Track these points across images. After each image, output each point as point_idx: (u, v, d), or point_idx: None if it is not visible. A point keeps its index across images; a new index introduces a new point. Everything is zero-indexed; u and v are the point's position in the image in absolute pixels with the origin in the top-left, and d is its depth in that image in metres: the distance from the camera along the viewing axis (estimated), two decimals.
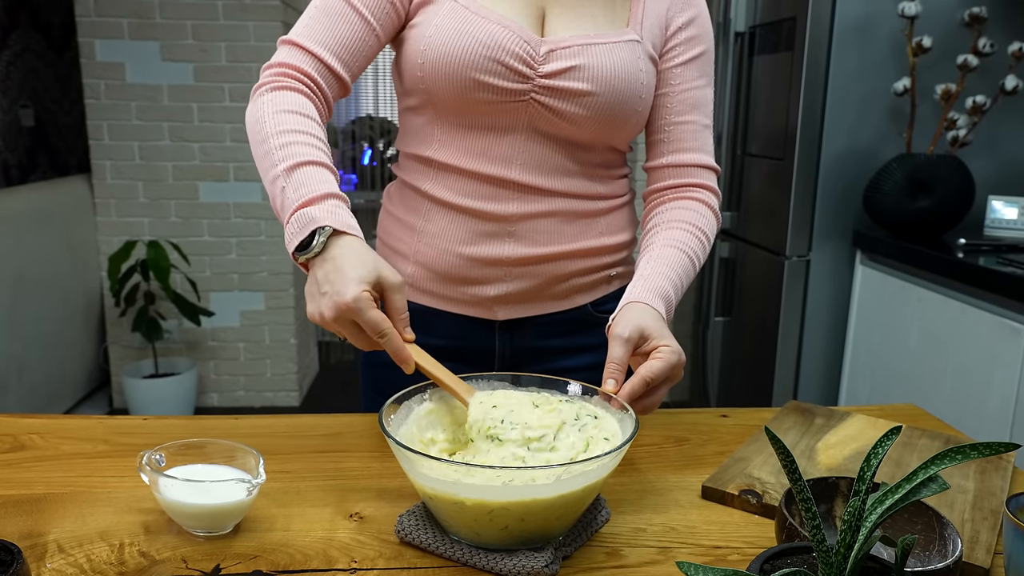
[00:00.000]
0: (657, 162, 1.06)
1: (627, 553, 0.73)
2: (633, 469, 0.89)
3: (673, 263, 0.96)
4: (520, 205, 1.00)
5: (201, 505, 0.72)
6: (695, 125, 1.04)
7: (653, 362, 0.81)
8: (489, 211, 1.00)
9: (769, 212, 2.45)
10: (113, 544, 0.72)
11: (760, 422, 1.05)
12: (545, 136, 0.99)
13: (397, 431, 0.76)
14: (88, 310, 3.31)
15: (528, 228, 1.01)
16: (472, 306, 1.05)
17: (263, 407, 3.50)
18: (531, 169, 0.99)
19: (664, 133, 1.04)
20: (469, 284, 1.04)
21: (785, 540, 0.66)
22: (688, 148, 1.04)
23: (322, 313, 0.79)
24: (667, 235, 1.00)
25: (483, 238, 1.01)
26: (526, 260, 1.02)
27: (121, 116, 3.21)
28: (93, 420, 1.01)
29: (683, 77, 1.03)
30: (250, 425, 1.01)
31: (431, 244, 1.03)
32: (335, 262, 0.80)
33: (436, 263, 1.04)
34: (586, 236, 1.04)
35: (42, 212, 2.99)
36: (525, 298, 1.05)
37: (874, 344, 2.20)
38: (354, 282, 0.78)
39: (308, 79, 0.94)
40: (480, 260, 1.02)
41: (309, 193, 0.84)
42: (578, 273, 1.06)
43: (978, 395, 1.79)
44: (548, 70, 0.95)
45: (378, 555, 0.71)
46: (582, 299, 1.08)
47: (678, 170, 1.05)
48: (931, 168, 2.08)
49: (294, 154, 0.87)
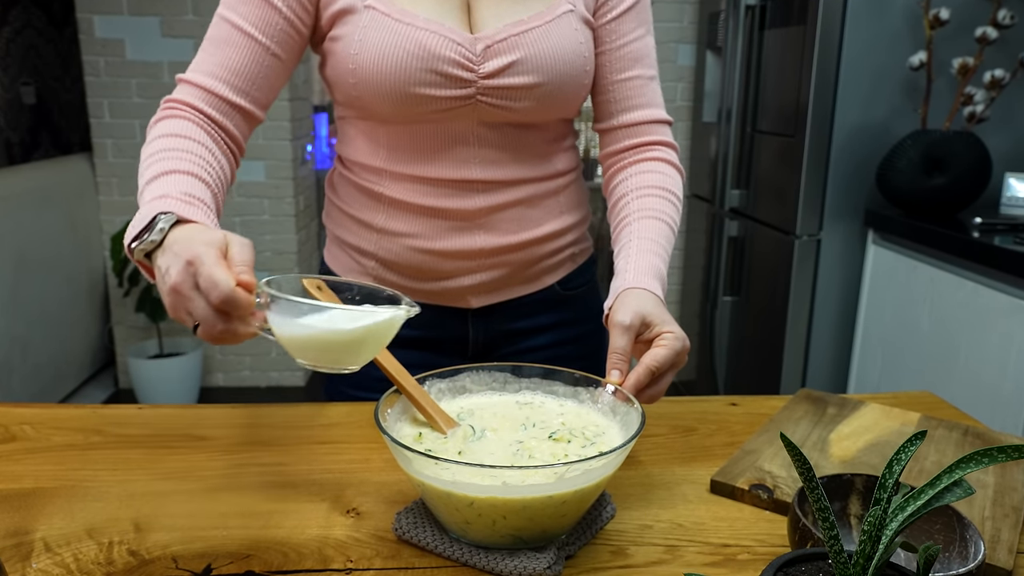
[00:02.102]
0: (608, 123, 1.02)
1: (633, 552, 0.70)
2: (638, 462, 0.87)
3: (656, 235, 0.93)
4: (485, 199, 0.98)
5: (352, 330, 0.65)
6: (640, 79, 1.00)
7: (657, 350, 0.79)
8: (454, 208, 0.97)
9: (779, 190, 2.40)
10: (102, 542, 0.70)
11: (770, 411, 1.02)
12: (496, 128, 0.96)
13: (394, 425, 0.74)
14: (92, 290, 3.30)
15: (496, 219, 0.99)
16: (444, 297, 1.03)
17: (268, 387, 3.50)
18: (490, 164, 0.97)
19: (610, 92, 1.01)
20: (440, 278, 1.01)
21: (798, 542, 0.63)
22: (638, 105, 1.01)
23: (170, 287, 0.66)
24: (640, 204, 0.97)
25: (451, 232, 0.98)
26: (498, 250, 1.00)
27: (122, 94, 3.17)
28: (87, 410, 0.99)
29: (619, 31, 0.99)
30: (248, 414, 0.98)
31: (395, 242, 1.00)
32: (175, 242, 0.69)
33: (403, 260, 1.00)
34: (550, 218, 1.03)
35: (44, 191, 2.97)
36: (498, 286, 1.03)
37: (885, 325, 2.16)
38: (199, 242, 0.67)
39: (197, 112, 0.88)
40: (450, 254, 0.99)
41: (157, 194, 0.76)
42: (546, 255, 1.05)
43: (992, 379, 1.75)
44: (488, 69, 0.91)
45: (375, 554, 0.69)
46: (549, 279, 1.08)
47: (632, 129, 1.02)
48: (947, 145, 2.02)
49: (153, 171, 0.80)
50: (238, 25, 0.89)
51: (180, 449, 0.88)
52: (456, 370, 0.81)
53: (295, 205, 3.36)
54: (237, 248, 0.69)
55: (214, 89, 0.89)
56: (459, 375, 0.81)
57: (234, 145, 0.93)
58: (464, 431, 0.75)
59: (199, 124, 0.88)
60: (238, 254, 0.68)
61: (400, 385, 0.75)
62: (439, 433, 0.74)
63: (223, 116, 0.90)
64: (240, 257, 0.68)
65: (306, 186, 3.60)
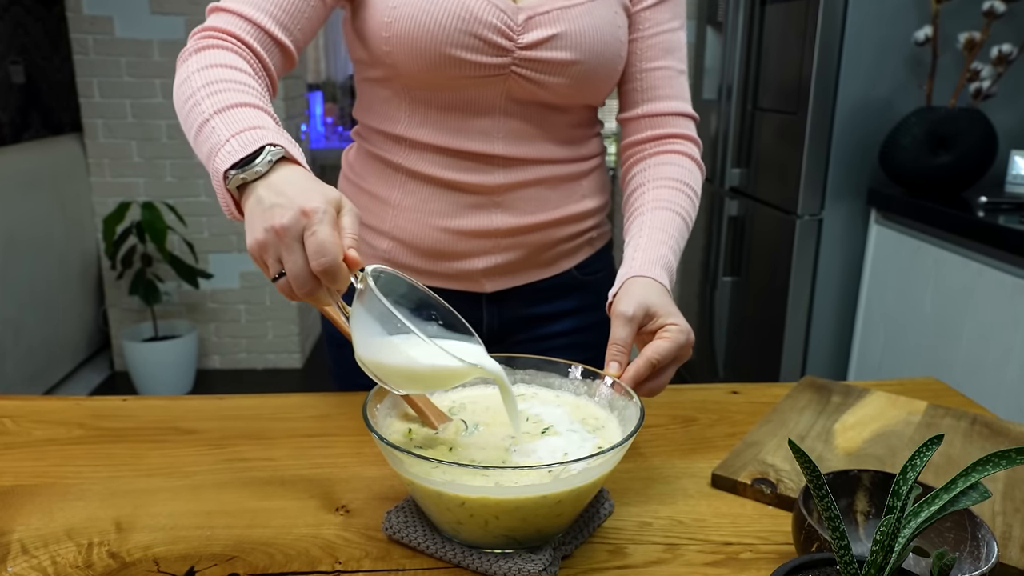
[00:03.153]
0: (632, 112, 1.00)
1: (631, 551, 0.68)
2: (638, 454, 0.84)
3: (668, 226, 0.90)
4: (506, 176, 0.95)
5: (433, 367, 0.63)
6: (670, 71, 0.98)
7: (659, 342, 0.76)
8: (473, 183, 0.94)
9: (780, 168, 2.36)
10: (81, 544, 0.67)
11: (772, 399, 0.99)
12: (523, 105, 0.93)
13: (383, 421, 0.71)
14: (85, 272, 3.26)
15: (515, 197, 0.96)
16: (458, 280, 1.00)
17: (265, 369, 3.48)
18: (513, 140, 0.94)
19: (638, 81, 0.98)
20: (455, 259, 0.98)
21: (803, 542, 0.61)
22: (664, 96, 0.98)
23: (271, 225, 0.63)
24: (656, 195, 0.94)
25: (468, 210, 0.95)
26: (516, 230, 0.97)
27: (111, 72, 3.11)
28: (70, 402, 0.96)
29: (654, 20, 0.96)
30: (236, 406, 0.96)
31: (410, 219, 0.97)
32: (291, 180, 0.66)
33: (418, 238, 0.97)
34: (570, 201, 1.01)
35: (34, 172, 2.92)
36: (513, 269, 1.00)
37: (888, 307, 2.13)
38: (318, 195, 0.64)
39: (240, 43, 0.81)
40: (467, 233, 0.96)
41: (250, 126, 0.70)
42: (564, 239, 1.02)
43: (996, 362, 1.73)
44: (528, 40, 0.88)
45: (364, 555, 0.67)
46: (567, 264, 1.05)
47: (655, 120, 0.99)
48: (952, 122, 1.98)
49: (225, 99, 0.73)
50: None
51: (166, 443, 0.86)
52: None
53: None
54: (349, 217, 0.65)
55: (259, 21, 0.81)
56: None
57: (272, 88, 0.85)
58: (456, 426, 0.72)
59: (245, 58, 0.80)
60: (349, 224, 0.65)
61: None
62: (430, 428, 0.71)
63: (265, 52, 0.82)
64: (351, 227, 0.65)
65: None
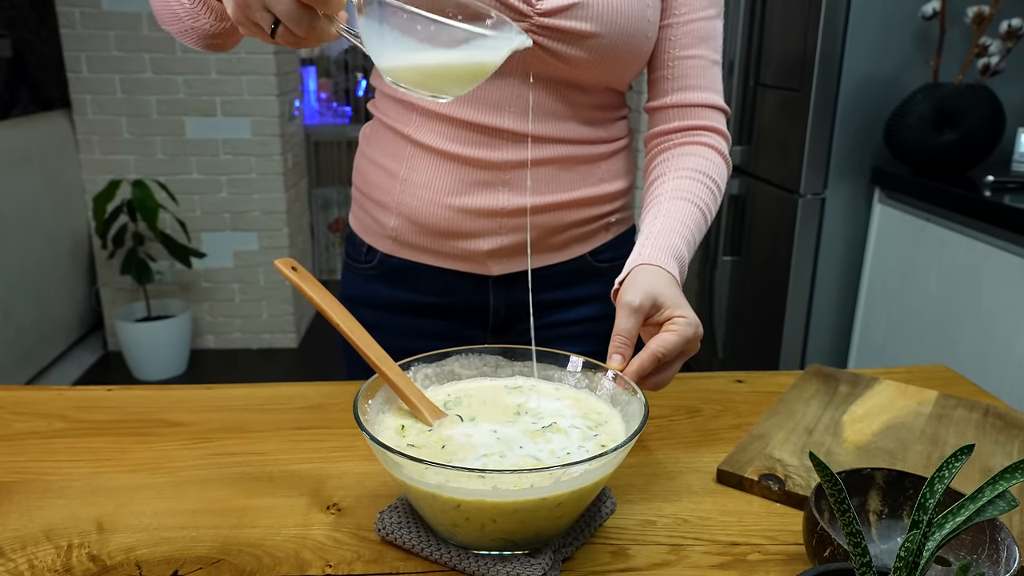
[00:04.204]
0: (661, 101, 0.95)
1: (634, 552, 0.65)
2: (641, 448, 0.81)
3: (684, 217, 0.86)
4: (515, 152, 0.90)
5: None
6: (703, 60, 0.93)
7: (666, 335, 0.72)
8: (481, 158, 0.90)
9: (782, 146, 2.32)
10: (60, 546, 0.64)
11: (778, 388, 0.96)
12: (540, 79, 0.88)
13: (376, 416, 0.68)
14: (76, 251, 3.22)
15: (524, 176, 0.92)
16: (464, 261, 0.96)
17: (260, 349, 3.45)
18: (524, 115, 0.89)
19: (668, 69, 0.93)
20: (460, 238, 0.94)
21: (815, 547, 0.58)
22: (695, 86, 0.93)
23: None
24: (675, 185, 0.89)
25: (475, 187, 0.92)
26: (523, 211, 0.93)
27: (99, 47, 3.05)
28: (52, 392, 0.93)
29: (690, 6, 0.91)
30: (224, 396, 0.92)
31: (416, 195, 0.94)
32: None
33: (423, 215, 0.94)
34: (585, 183, 0.96)
35: (22, 149, 2.87)
36: (521, 251, 0.96)
37: (891, 288, 2.10)
38: None
39: None
40: (472, 211, 0.93)
41: None
42: (577, 223, 0.98)
43: (1002, 344, 1.70)
44: (547, 6, 0.83)
45: (356, 557, 0.64)
46: (580, 249, 1.00)
47: (684, 111, 0.94)
48: (959, 98, 1.94)
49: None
50: None
51: (151, 437, 0.83)
52: (443, 354, 0.75)
53: (283, 163, 3.26)
54: None
55: None
56: (447, 359, 0.75)
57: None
58: (451, 421, 0.69)
59: None
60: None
61: (382, 373, 0.69)
62: (424, 425, 0.68)
63: None
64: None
65: (294, 143, 3.49)
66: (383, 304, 1.01)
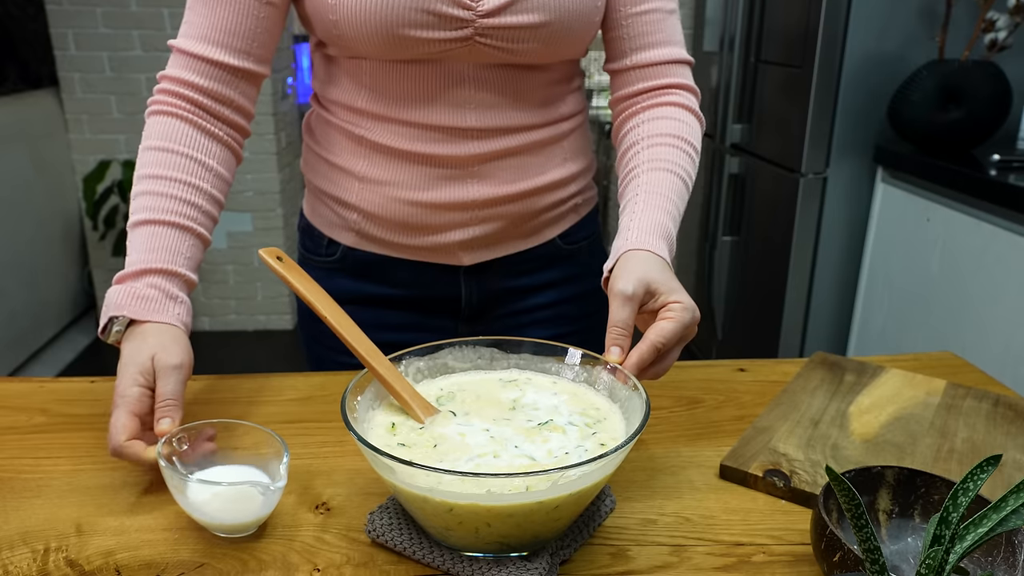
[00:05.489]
0: (620, 63, 0.91)
1: (635, 553, 0.63)
2: (641, 442, 0.79)
3: (666, 190, 0.83)
4: (481, 146, 0.87)
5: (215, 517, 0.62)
6: (657, 13, 0.88)
7: (664, 323, 0.69)
8: (445, 155, 0.87)
9: (783, 124, 2.28)
10: (36, 550, 0.62)
11: (781, 377, 0.93)
12: (495, 69, 0.85)
13: (366, 413, 0.65)
14: (67, 233, 3.18)
15: (493, 167, 0.89)
16: (434, 253, 0.93)
17: (256, 331, 3.42)
18: (487, 110, 0.86)
19: (623, 28, 0.88)
20: (429, 232, 0.91)
21: (825, 550, 0.55)
22: (654, 43, 0.89)
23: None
24: (651, 154, 0.86)
25: (441, 181, 0.88)
26: (494, 201, 0.90)
27: (87, 24, 2.98)
28: (33, 384, 0.90)
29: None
30: (210, 388, 0.90)
31: (379, 192, 0.90)
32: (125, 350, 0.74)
33: (388, 212, 0.90)
34: (551, 166, 0.93)
35: (10, 128, 2.81)
36: (492, 241, 0.94)
37: (893, 269, 2.07)
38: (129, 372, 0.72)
39: (193, 96, 0.81)
40: (440, 206, 0.89)
41: (133, 264, 0.77)
42: (546, 208, 0.95)
43: (1006, 328, 1.68)
44: (488, 7, 0.79)
45: (345, 560, 0.61)
46: (550, 233, 0.98)
47: (647, 71, 0.89)
48: (965, 75, 1.90)
49: (141, 207, 0.78)
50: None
51: None
52: (436, 346, 0.72)
53: (276, 142, 3.21)
54: (163, 381, 0.71)
55: (211, 57, 0.81)
56: (439, 352, 0.72)
57: (239, 122, 0.86)
58: (444, 417, 0.66)
59: (192, 122, 0.82)
60: (165, 390, 0.70)
61: (372, 368, 0.66)
62: (416, 422, 0.65)
63: (225, 87, 0.83)
64: (165, 390, 0.70)
65: (288, 122, 3.44)
66: (348, 298, 0.97)
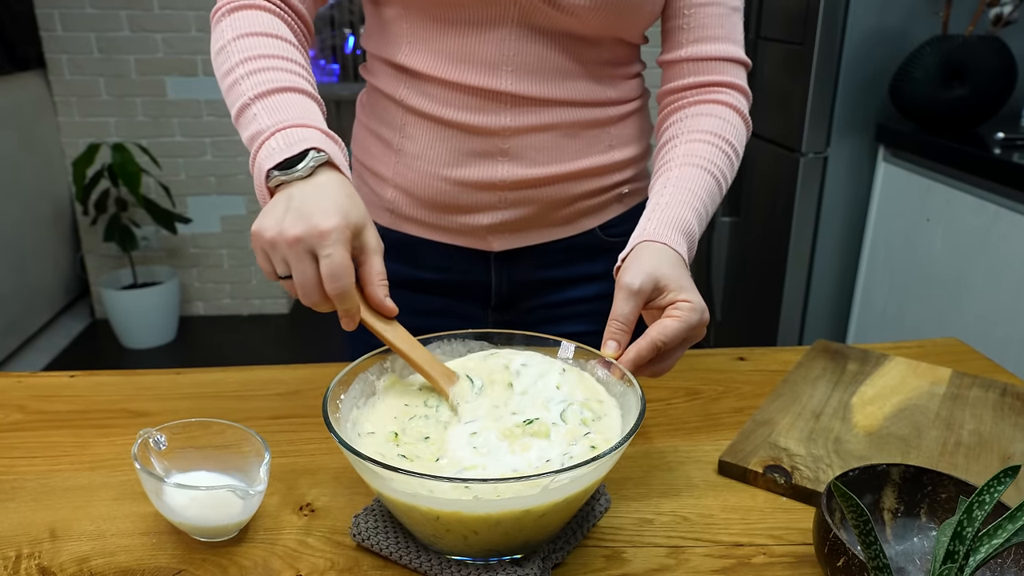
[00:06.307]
0: (675, 55, 0.86)
1: (630, 556, 0.60)
2: (637, 436, 0.76)
3: (696, 187, 0.78)
4: (514, 117, 0.83)
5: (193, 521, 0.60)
6: (722, 8, 0.84)
7: (668, 321, 0.65)
8: (476, 124, 0.83)
9: (783, 102, 2.24)
10: (8, 556, 0.60)
11: (782, 366, 0.91)
12: (540, 32, 0.80)
13: (349, 415, 0.62)
14: (58, 217, 3.14)
15: (525, 144, 0.84)
16: (463, 235, 0.90)
17: (251, 315, 3.39)
18: (525, 75, 0.81)
19: (683, 18, 0.84)
20: (459, 212, 0.87)
21: (828, 553, 0.53)
22: (713, 37, 0.84)
23: (282, 230, 0.61)
24: (688, 149, 0.81)
25: (472, 158, 0.84)
26: (524, 183, 0.85)
27: (73, 3, 2.92)
28: (11, 379, 0.87)
29: None
30: (193, 382, 0.87)
31: (412, 166, 0.87)
32: (322, 190, 0.64)
33: (419, 188, 0.87)
34: (593, 151, 0.88)
35: None
36: (523, 226, 0.89)
37: (894, 249, 2.04)
38: (338, 214, 0.62)
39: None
40: (470, 184, 0.85)
41: (295, 119, 0.68)
42: (585, 195, 0.90)
43: (1010, 310, 1.65)
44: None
45: (329, 565, 0.59)
46: (589, 223, 0.92)
47: (701, 64, 0.85)
48: (969, 51, 1.86)
49: (267, 80, 0.71)
50: None
51: (113, 429, 0.78)
52: (423, 340, 0.69)
53: None
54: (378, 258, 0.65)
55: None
56: (427, 346, 0.69)
57: (308, 35, 0.83)
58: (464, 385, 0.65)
59: (283, 19, 0.79)
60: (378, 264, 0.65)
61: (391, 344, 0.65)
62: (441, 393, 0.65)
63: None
64: (380, 268, 0.65)
65: None
66: None
